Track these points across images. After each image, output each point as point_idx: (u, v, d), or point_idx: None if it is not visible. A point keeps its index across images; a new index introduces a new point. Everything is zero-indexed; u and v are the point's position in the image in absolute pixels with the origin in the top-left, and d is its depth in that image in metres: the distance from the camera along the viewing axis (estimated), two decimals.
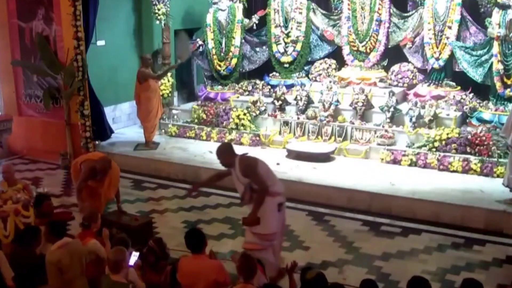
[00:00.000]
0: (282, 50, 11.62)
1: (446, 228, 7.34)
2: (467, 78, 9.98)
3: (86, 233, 5.36)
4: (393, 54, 10.93)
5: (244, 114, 10.67)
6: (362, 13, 10.84)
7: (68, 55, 10.08)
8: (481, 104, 9.75)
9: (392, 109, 9.73)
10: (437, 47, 10.16)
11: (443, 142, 9.00)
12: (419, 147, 9.20)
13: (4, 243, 5.63)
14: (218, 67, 11.81)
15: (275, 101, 10.79)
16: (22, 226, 5.71)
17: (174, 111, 11.61)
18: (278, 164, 9.31)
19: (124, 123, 12.06)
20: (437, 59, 10.17)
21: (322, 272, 4.33)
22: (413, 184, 8.30)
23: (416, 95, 10.31)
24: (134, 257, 5.06)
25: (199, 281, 4.62)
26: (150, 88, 10.19)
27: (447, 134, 9.03)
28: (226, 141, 5.75)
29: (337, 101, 10.27)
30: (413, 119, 9.47)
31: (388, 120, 9.75)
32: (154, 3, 11.32)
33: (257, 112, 10.79)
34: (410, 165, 9.08)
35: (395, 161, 9.21)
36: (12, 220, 5.67)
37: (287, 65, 11.63)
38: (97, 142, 10.54)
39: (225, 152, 5.82)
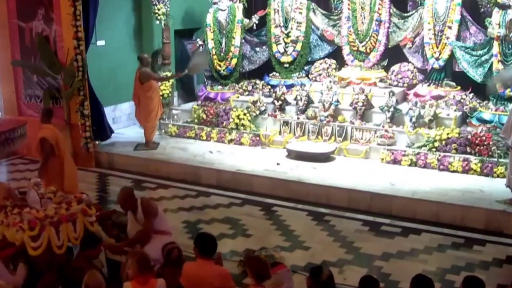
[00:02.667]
0: (282, 50, 11.62)
1: (446, 228, 7.34)
2: (467, 78, 9.98)
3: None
4: (393, 54, 10.93)
5: (244, 114, 10.67)
6: (362, 13, 10.84)
7: (68, 55, 10.08)
8: (481, 104, 9.75)
9: (392, 109, 9.73)
10: (437, 47, 10.16)
11: (443, 142, 9.01)
12: (419, 147, 9.21)
13: (74, 244, 5.57)
14: (218, 67, 11.82)
15: (275, 101, 10.79)
16: (90, 226, 5.65)
17: (174, 111, 11.61)
18: (278, 164, 9.33)
19: (124, 123, 12.07)
20: (437, 59, 10.17)
21: (330, 271, 4.29)
22: (413, 184, 8.30)
23: (416, 95, 10.31)
24: None
25: (202, 286, 4.55)
26: (151, 88, 10.20)
27: (447, 134, 9.03)
28: (126, 187, 5.99)
29: (337, 101, 10.27)
30: (413, 119, 9.47)
31: (388, 120, 9.75)
32: (154, 3, 11.33)
33: (257, 112, 10.79)
34: (410, 165, 9.09)
35: (395, 161, 9.22)
36: (81, 221, 5.57)
37: (287, 65, 11.63)
38: (97, 142, 10.55)
39: (129, 199, 5.82)
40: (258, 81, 11.78)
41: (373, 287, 4.17)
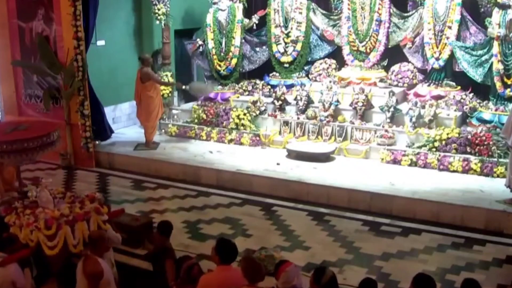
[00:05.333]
0: (282, 50, 11.62)
1: (446, 228, 7.34)
2: (467, 78, 9.97)
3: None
4: (393, 54, 10.93)
5: (244, 114, 10.67)
6: (362, 13, 10.84)
7: (68, 55, 10.08)
8: (481, 104, 9.74)
9: (392, 109, 9.73)
10: (437, 47, 10.16)
11: (443, 142, 9.01)
12: (419, 147, 9.20)
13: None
14: (218, 67, 11.82)
15: (275, 101, 10.79)
16: (103, 225, 5.63)
17: (174, 111, 11.61)
18: (278, 164, 9.33)
19: (124, 123, 12.08)
20: (437, 59, 10.17)
21: (334, 273, 4.27)
22: (413, 184, 8.30)
23: (416, 95, 10.31)
24: None
25: None
26: (152, 88, 10.21)
27: (447, 134, 9.03)
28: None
29: (337, 101, 10.27)
30: (413, 119, 9.47)
31: (388, 120, 9.75)
32: (154, 3, 11.33)
33: (257, 112, 10.79)
34: (410, 165, 9.08)
35: (395, 161, 9.22)
36: (95, 220, 5.58)
37: (287, 65, 11.63)
38: (97, 142, 10.56)
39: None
40: (258, 81, 11.78)
41: None
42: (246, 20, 11.77)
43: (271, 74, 11.89)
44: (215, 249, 4.58)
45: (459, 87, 10.26)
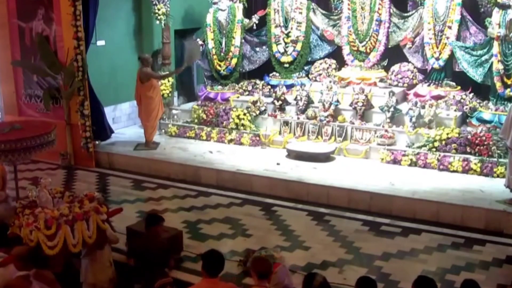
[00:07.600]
0: (282, 50, 11.62)
1: (446, 228, 7.34)
2: (467, 78, 9.98)
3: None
4: (393, 54, 10.94)
5: (244, 114, 10.67)
6: (362, 13, 10.85)
7: (68, 55, 10.08)
8: (481, 104, 9.75)
9: (392, 109, 9.73)
10: (437, 47, 10.16)
11: (443, 142, 9.01)
12: (419, 147, 9.21)
13: (88, 243, 5.55)
14: (218, 67, 11.82)
15: (275, 101, 10.80)
16: (102, 224, 5.63)
17: (174, 111, 11.61)
18: (278, 164, 9.33)
19: (124, 123, 12.08)
20: (437, 59, 10.18)
21: (325, 277, 4.27)
22: (413, 184, 8.30)
23: (416, 95, 10.32)
24: None
25: None
26: (151, 88, 10.21)
27: (447, 134, 9.03)
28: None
29: (337, 101, 10.27)
30: (413, 119, 9.47)
31: (388, 120, 9.75)
32: (154, 3, 11.33)
33: (257, 112, 10.79)
34: (410, 165, 9.08)
35: (395, 161, 9.22)
36: (94, 220, 5.56)
37: (287, 65, 11.64)
38: (97, 142, 10.56)
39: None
40: (258, 81, 11.78)
41: None
42: (246, 20, 11.77)
43: (271, 74, 11.90)
44: (202, 262, 4.43)
45: (459, 87, 10.26)
